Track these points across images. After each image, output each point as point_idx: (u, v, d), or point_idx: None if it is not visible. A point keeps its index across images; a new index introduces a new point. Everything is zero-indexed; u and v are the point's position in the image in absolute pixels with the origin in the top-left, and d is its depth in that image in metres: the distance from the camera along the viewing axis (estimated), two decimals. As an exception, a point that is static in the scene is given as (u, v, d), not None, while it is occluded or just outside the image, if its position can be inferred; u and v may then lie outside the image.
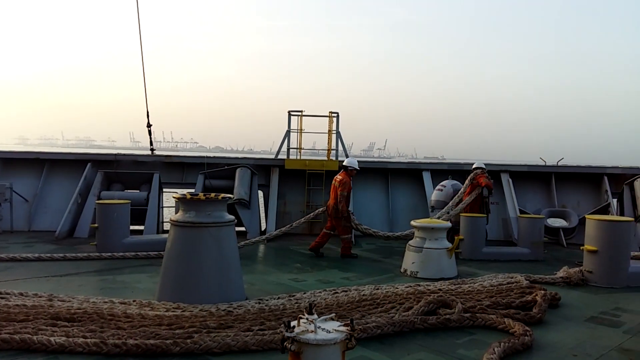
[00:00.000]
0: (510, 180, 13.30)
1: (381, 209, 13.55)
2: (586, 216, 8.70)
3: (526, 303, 6.32)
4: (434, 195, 11.80)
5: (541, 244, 10.26)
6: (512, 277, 7.64)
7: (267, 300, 6.29)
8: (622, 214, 12.13)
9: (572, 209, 13.01)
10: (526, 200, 13.45)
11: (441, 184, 11.86)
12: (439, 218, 10.52)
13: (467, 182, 11.44)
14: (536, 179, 13.79)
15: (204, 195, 6.26)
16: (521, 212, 12.43)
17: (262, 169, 13.34)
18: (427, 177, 13.43)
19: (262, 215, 13.02)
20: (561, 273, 8.14)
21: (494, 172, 13.66)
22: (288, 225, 11.21)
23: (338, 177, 10.17)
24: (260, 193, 13.14)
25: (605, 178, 13.15)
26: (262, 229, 12.53)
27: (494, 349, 4.67)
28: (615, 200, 12.86)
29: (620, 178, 13.15)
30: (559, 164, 14.31)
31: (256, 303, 6.09)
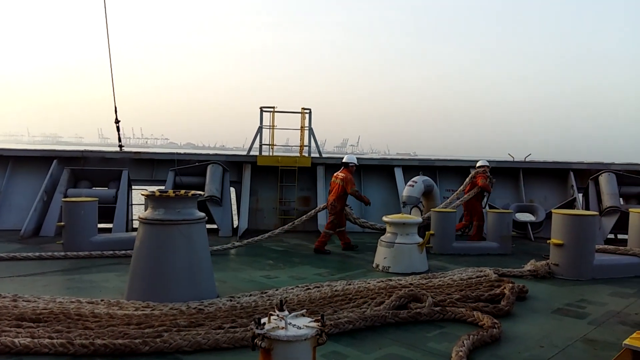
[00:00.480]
0: None
1: (353, 204, 13.58)
2: (552, 211, 8.90)
3: (495, 296, 6.44)
4: (405, 191, 11.91)
5: (509, 238, 10.48)
6: (481, 271, 7.77)
7: (238, 297, 6.24)
8: (587, 208, 12.47)
9: (540, 204, 13.32)
10: (495, 196, 13.69)
11: (412, 179, 11.99)
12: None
13: (467, 179, 11.84)
14: (505, 174, 14.06)
15: (174, 192, 6.17)
16: (490, 207, 12.66)
17: (234, 166, 13.25)
18: (399, 173, 13.54)
19: (235, 212, 12.92)
20: (529, 266, 8.33)
21: (463, 169, 13.90)
22: (290, 224, 10.98)
23: (340, 174, 10.28)
24: (233, 190, 13.04)
25: (571, 173, 13.50)
26: (235, 226, 12.44)
27: (463, 342, 4.74)
28: (580, 195, 13.22)
29: (585, 173, 13.52)
30: (527, 159, 14.62)
31: (228, 300, 6.03)
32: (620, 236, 12.45)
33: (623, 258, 8.63)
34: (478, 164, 12.03)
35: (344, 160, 10.68)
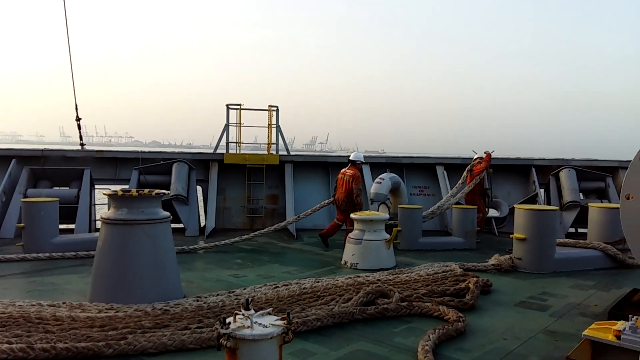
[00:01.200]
0: (445, 172, 13.74)
1: (322, 201, 13.62)
2: (515, 206, 9.12)
3: (460, 290, 6.56)
4: (373, 188, 11.98)
5: (474, 234, 10.69)
6: (447, 266, 7.90)
7: (205, 297, 6.17)
8: (549, 203, 12.83)
9: (503, 199, 13.63)
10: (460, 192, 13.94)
11: (380, 177, 12.07)
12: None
13: (465, 173, 12.16)
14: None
15: (137, 191, 6.04)
16: (456, 202, 12.87)
17: (200, 164, 13.08)
18: (366, 171, 13.62)
19: (201, 211, 12.76)
20: (492, 260, 8.52)
21: (430, 165, 14.11)
22: (287, 221, 11.21)
23: (348, 171, 10.51)
24: (199, 188, 12.88)
25: (533, 169, 13.85)
26: (202, 225, 12.29)
27: (429, 336, 4.81)
28: (542, 191, 13.58)
29: (546, 169, 13.89)
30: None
31: (194, 301, 5.96)
32: (580, 230, 12.85)
33: (583, 251, 8.91)
34: (475, 157, 12.54)
35: (351, 158, 10.92)
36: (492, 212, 13.53)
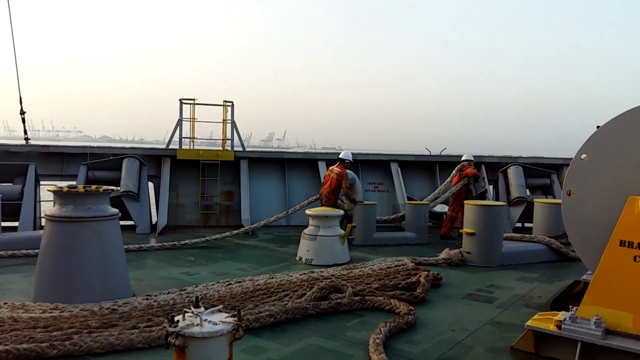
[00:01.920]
0: (399, 169, 13.98)
1: (278, 198, 13.60)
2: (465, 202, 9.38)
3: (411, 284, 6.69)
4: (328, 184, 12.06)
5: (426, 229, 10.92)
6: (399, 260, 8.04)
7: (155, 295, 6.04)
8: (497, 199, 13.25)
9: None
10: (414, 188, 14.23)
11: (335, 173, 12.15)
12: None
13: (454, 172, 12.32)
14: (422, 167, 14.62)
15: (84, 187, 5.84)
16: (409, 198, 13.12)
17: (152, 160, 12.76)
18: (322, 167, 13.68)
19: (153, 208, 12.48)
20: (443, 255, 8.74)
21: (384, 162, 14.31)
22: (267, 220, 11.14)
23: (336, 169, 10.86)
24: (151, 185, 12.58)
25: (483, 166, 14.27)
26: (153, 222, 12.01)
27: (380, 329, 4.88)
28: (491, 187, 14.02)
29: (495, 166, 14.35)
30: (442, 153, 15.28)
31: (144, 299, 5.83)
32: (527, 224, 13.34)
33: (528, 245, 9.26)
34: (463, 158, 12.62)
35: (340, 156, 11.22)
36: (444, 208, 13.86)
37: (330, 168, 11.15)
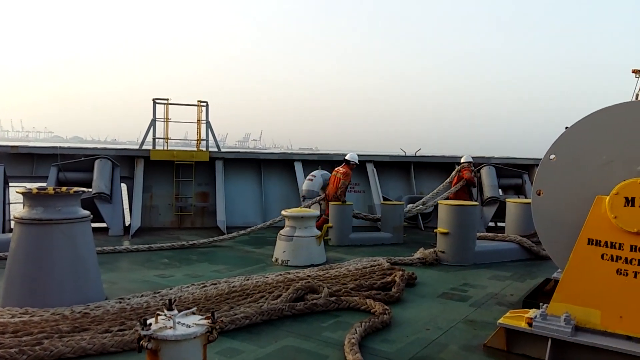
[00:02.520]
0: (374, 169, 14.06)
1: (254, 199, 13.54)
2: (439, 202, 9.49)
3: (387, 284, 6.74)
4: (305, 185, 12.09)
5: (401, 228, 11.02)
6: (375, 260, 8.09)
7: (129, 299, 5.95)
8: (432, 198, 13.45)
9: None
10: (389, 188, 14.34)
11: (312, 174, 12.20)
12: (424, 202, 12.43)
13: (453, 173, 12.70)
14: (397, 168, 14.74)
15: (54, 189, 5.72)
16: (384, 199, 13.22)
17: (125, 160, 12.56)
18: (298, 168, 13.68)
19: (126, 209, 12.29)
20: (418, 254, 8.82)
21: (360, 163, 14.36)
22: (271, 220, 11.06)
23: (341, 169, 11.25)
24: (124, 186, 12.38)
25: (457, 167, 14.46)
26: (126, 224, 11.82)
27: (355, 329, 4.91)
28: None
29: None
30: (417, 154, 15.43)
31: (116, 302, 5.73)
32: (500, 224, 13.58)
33: (501, 244, 9.43)
34: (463, 160, 12.90)
35: (346, 158, 11.56)
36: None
37: (336, 169, 11.49)
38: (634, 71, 8.77)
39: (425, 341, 5.01)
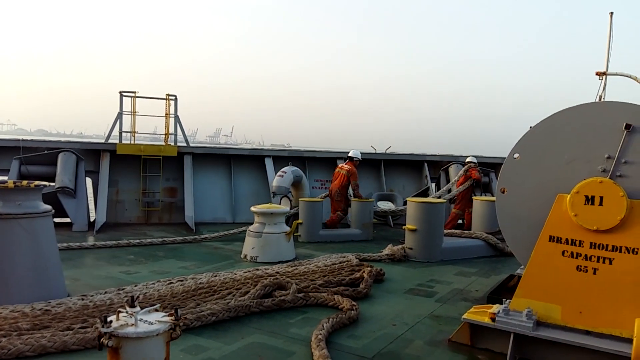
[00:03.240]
0: None
1: (223, 194, 13.42)
2: (407, 199, 9.60)
3: (355, 280, 6.78)
4: (275, 181, 12.02)
5: (371, 225, 11.10)
6: (344, 257, 8.12)
7: (92, 295, 5.81)
8: (439, 197, 13.65)
9: (399, 193, 14.29)
10: (359, 185, 14.39)
11: (282, 170, 12.13)
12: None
13: (461, 172, 12.81)
14: (368, 165, 14.83)
15: (14, 182, 5.54)
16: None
17: (90, 154, 12.26)
18: (269, 164, 13.61)
19: (91, 204, 12.02)
20: (386, 251, 8.90)
21: (331, 159, 14.40)
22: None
23: (345, 166, 11.60)
24: (89, 180, 12.09)
25: (426, 164, 14.66)
26: (91, 219, 11.55)
27: (323, 325, 4.92)
28: (433, 184, 14.42)
29: (437, 164, 14.77)
30: (387, 151, 15.56)
31: (79, 299, 5.59)
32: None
33: (467, 241, 9.60)
34: (468, 160, 13.06)
35: (349, 155, 11.94)
36: (388, 205, 14.14)
37: (340, 165, 11.80)
38: (597, 73, 9.00)
39: (391, 336, 5.06)
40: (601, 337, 4.28)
